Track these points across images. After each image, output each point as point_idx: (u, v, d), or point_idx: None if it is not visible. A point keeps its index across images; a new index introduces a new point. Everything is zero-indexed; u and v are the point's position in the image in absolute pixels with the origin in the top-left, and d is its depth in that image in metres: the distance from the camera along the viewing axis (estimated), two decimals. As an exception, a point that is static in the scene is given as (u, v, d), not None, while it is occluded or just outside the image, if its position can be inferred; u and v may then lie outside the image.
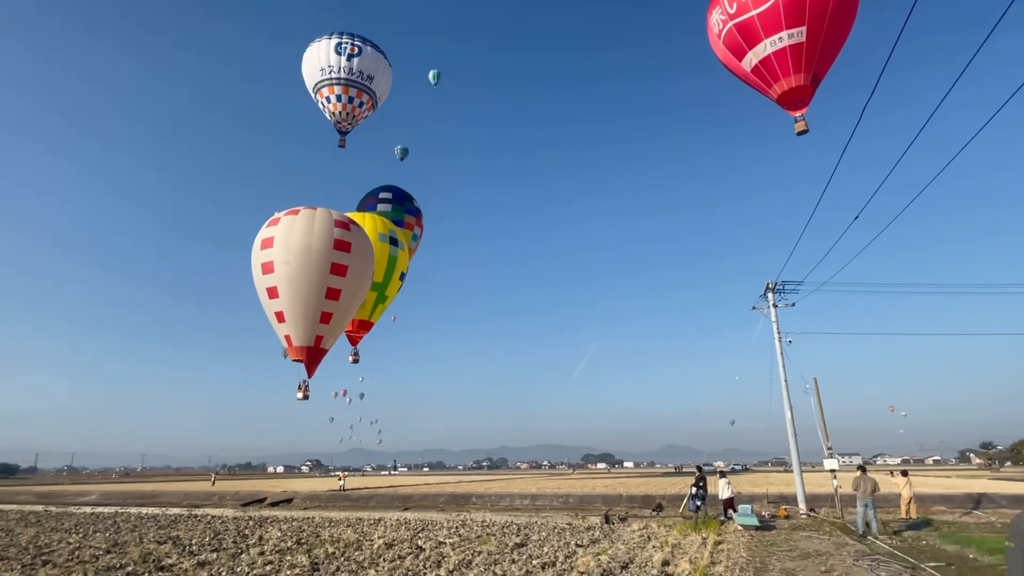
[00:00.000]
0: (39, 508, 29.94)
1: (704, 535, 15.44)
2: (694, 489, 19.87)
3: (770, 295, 23.43)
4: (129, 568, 11.07)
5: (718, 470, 29.15)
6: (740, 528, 17.15)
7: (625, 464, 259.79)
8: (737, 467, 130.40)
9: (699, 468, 22.84)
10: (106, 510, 28.19)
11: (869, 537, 15.01)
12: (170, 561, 11.92)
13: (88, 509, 28.88)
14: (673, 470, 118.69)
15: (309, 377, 21.17)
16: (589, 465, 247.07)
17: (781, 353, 22.33)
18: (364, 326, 25.85)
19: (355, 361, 26.14)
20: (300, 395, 21.08)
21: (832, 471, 21.03)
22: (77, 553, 13.24)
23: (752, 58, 15.91)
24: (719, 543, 14.06)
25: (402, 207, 29.18)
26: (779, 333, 22.82)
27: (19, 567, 11.31)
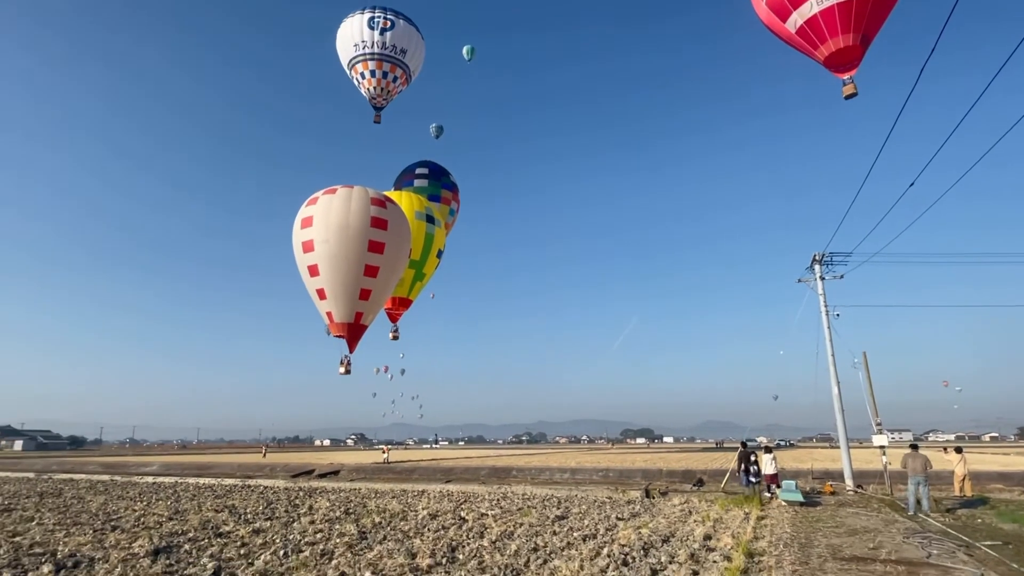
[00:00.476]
0: (105, 477, 31.90)
1: (747, 510, 15.39)
2: (743, 464, 19.74)
3: (817, 267, 22.74)
4: (190, 534, 11.76)
5: (763, 445, 28.81)
6: (784, 504, 17.00)
7: (664, 439, 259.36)
8: (782, 443, 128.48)
9: (743, 444, 22.64)
10: (166, 480, 29.56)
11: (920, 515, 14.68)
12: (227, 528, 12.60)
13: (150, 479, 30.40)
14: (714, 445, 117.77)
15: (350, 352, 21.93)
16: (628, 440, 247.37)
17: (828, 327, 21.74)
18: (403, 303, 26.33)
19: (395, 338, 26.85)
20: (342, 370, 21.81)
21: (881, 447, 20.55)
22: (142, 520, 14.12)
23: (797, 18, 15.21)
24: (762, 518, 13.99)
25: (439, 182, 29.30)
26: (826, 306, 22.19)
27: (91, 531, 12.15)
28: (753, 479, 18.13)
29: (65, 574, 8.20)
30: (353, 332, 21.64)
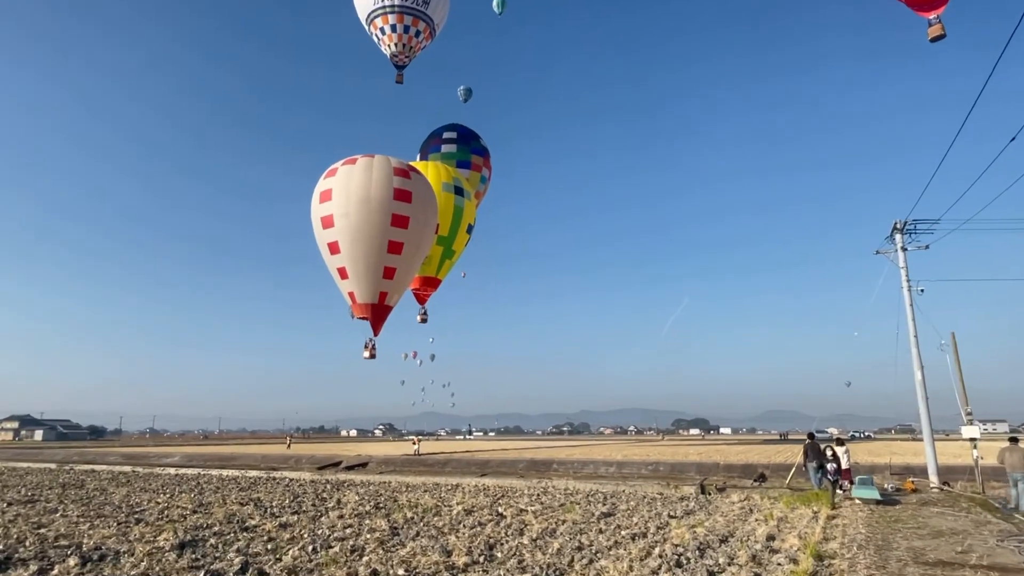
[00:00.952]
0: (127, 469, 33.56)
1: (816, 508, 15.22)
2: (812, 458, 19.43)
3: (898, 237, 21.95)
4: (215, 528, 12.33)
5: (834, 437, 28.31)
6: (858, 502, 16.75)
7: (721, 430, 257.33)
8: (857, 434, 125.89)
9: (810, 436, 22.27)
10: (189, 471, 30.82)
11: (1017, 515, 14.26)
12: (253, 522, 13.16)
13: (172, 470, 31.67)
14: (777, 437, 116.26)
15: (375, 335, 22.48)
16: (681, 431, 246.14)
17: (911, 304, 21.05)
18: (431, 283, 26.60)
19: (423, 321, 27.27)
20: (367, 354, 22.49)
21: (972, 440, 19.96)
22: (166, 512, 14.86)
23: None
24: (833, 518, 13.83)
25: (468, 146, 29.43)
26: (908, 281, 21.47)
27: (115, 524, 12.86)
28: (829, 477, 17.79)
29: (91, 567, 8.72)
30: (377, 313, 22.01)
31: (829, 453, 18.36)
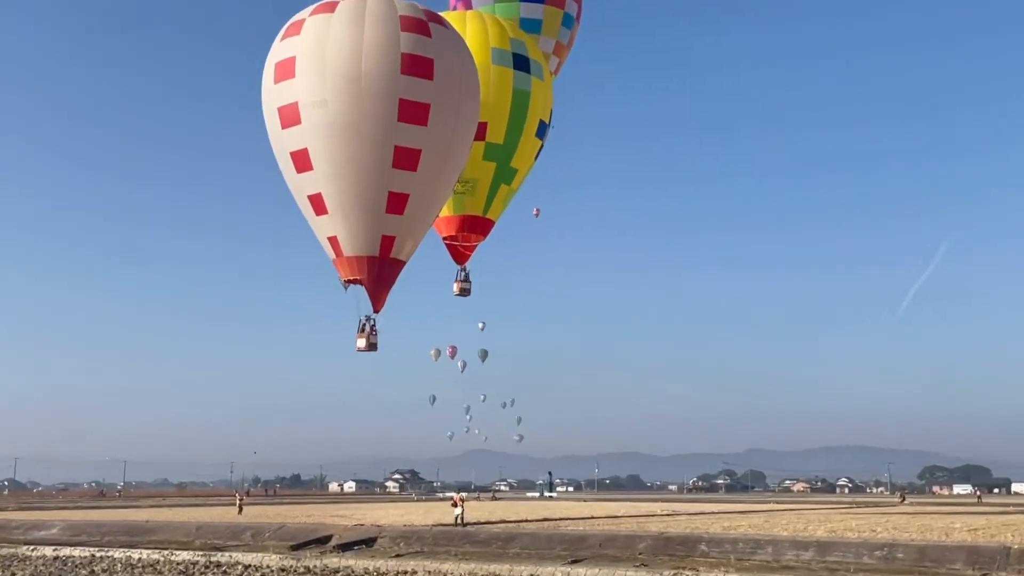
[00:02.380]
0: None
1: None
2: None
3: None
4: None
5: None
6: None
7: (1015, 487, 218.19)
8: None
9: None
10: (76, 553, 28.43)
11: None
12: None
13: (49, 551, 29.32)
14: None
15: (376, 311, 20.33)
16: (936, 488, 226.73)
17: None
18: (476, 227, 24.16)
19: (463, 291, 24.81)
20: (362, 343, 20.36)
21: None
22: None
23: None
24: None
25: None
26: None
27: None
28: None
29: None
30: (379, 273, 19.66)
31: None
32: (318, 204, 19.25)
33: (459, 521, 38.61)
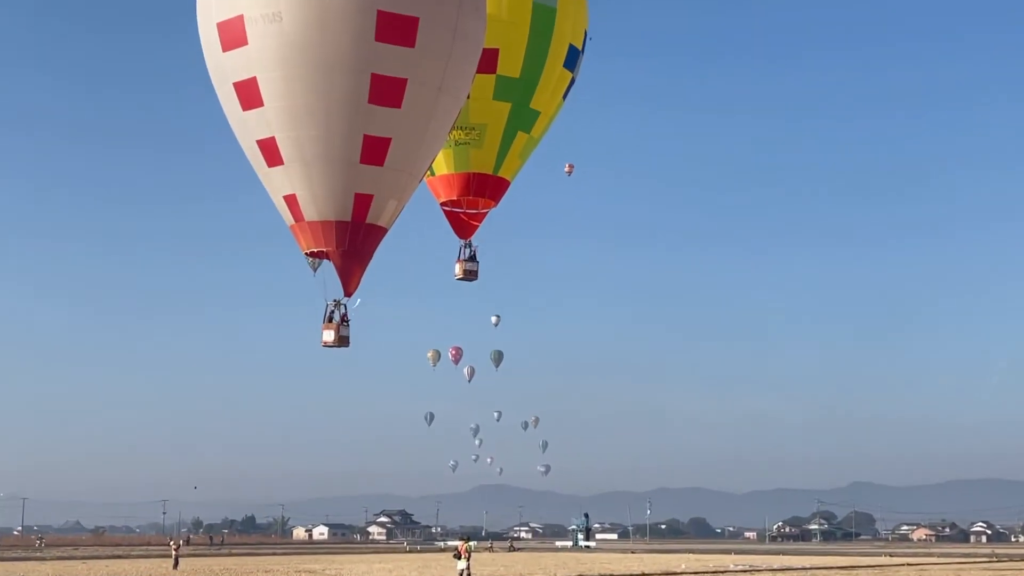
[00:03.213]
0: None
1: None
2: None
3: None
4: None
5: None
6: None
7: None
8: None
9: None
10: None
11: None
12: None
13: None
14: None
15: (347, 294, 18.29)
16: None
17: None
18: (485, 188, 21.18)
19: (468, 274, 21.86)
20: (329, 335, 18.10)
21: None
22: None
23: None
24: None
25: None
26: None
27: None
28: None
29: None
30: (351, 243, 17.32)
31: None
32: (270, 152, 16.24)
33: (464, 576, 32.06)
